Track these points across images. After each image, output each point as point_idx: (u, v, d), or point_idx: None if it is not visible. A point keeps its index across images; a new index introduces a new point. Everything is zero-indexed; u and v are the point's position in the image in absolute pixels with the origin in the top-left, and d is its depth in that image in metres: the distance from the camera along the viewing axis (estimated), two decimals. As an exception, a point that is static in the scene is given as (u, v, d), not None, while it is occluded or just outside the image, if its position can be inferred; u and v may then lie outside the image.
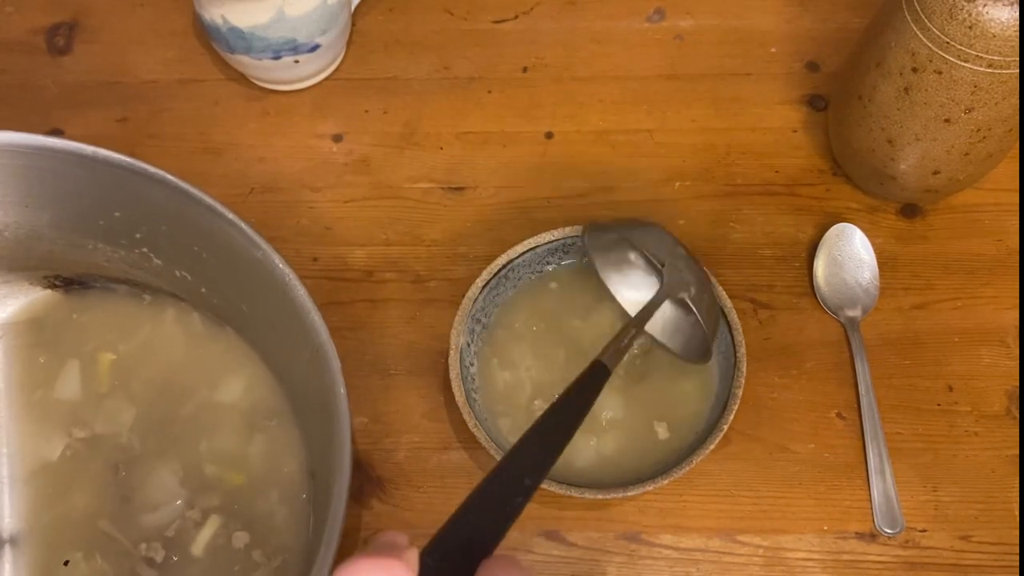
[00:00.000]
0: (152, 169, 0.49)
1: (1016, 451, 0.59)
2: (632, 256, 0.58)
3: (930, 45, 0.53)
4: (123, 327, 0.60)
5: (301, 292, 0.48)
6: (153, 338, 0.60)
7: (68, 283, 0.60)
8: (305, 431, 0.56)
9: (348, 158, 0.69)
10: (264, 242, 0.48)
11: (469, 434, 0.55)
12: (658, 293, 0.55)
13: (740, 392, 0.56)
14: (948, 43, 0.53)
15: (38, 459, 0.57)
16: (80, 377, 0.58)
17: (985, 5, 0.51)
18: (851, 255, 0.63)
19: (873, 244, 0.64)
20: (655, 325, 0.56)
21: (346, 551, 0.57)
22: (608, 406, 0.58)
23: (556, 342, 0.60)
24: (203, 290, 0.57)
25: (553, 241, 0.60)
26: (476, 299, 0.59)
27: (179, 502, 0.55)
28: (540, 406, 0.58)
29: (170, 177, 0.49)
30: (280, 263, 0.48)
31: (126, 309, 0.60)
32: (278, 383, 0.58)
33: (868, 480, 0.58)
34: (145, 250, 0.55)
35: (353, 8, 0.71)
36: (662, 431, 0.58)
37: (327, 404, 0.46)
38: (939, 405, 0.60)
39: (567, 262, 0.62)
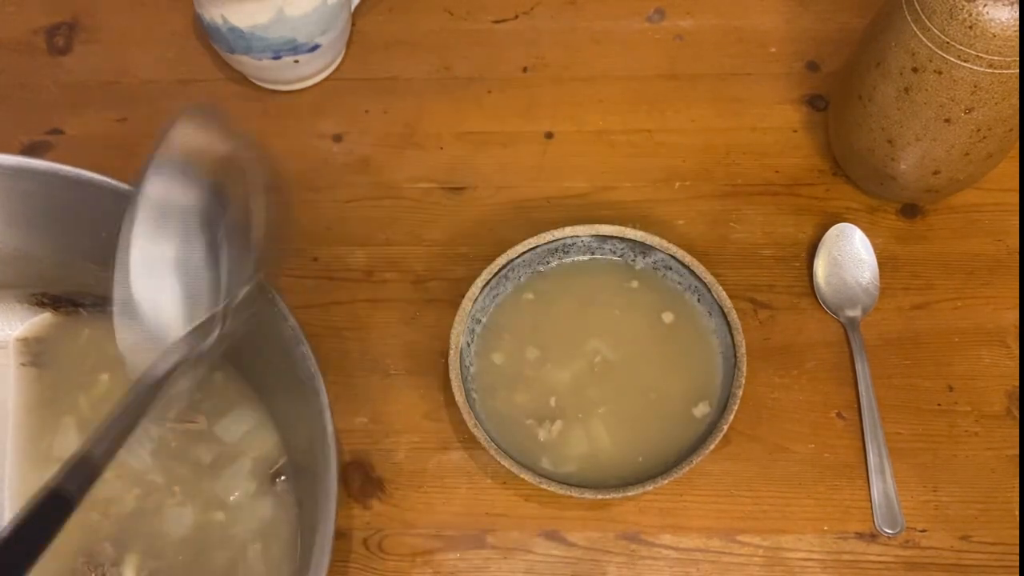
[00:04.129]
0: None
1: (1016, 451, 0.59)
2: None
3: (930, 45, 0.53)
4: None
5: (292, 323, 0.48)
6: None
7: (56, 301, 0.60)
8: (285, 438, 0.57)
9: (348, 158, 0.69)
10: None
11: (469, 434, 0.55)
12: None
13: (740, 392, 0.56)
14: (948, 43, 0.53)
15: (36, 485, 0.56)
16: (77, 432, 0.57)
17: (985, 5, 0.51)
18: (851, 255, 0.63)
19: (873, 244, 0.64)
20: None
21: (344, 553, 0.57)
22: (604, 400, 0.58)
23: (556, 341, 0.60)
24: None
25: (553, 241, 0.60)
26: (476, 299, 0.59)
27: None
28: (540, 406, 0.58)
29: None
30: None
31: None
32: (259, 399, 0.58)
33: (868, 480, 0.58)
34: None
35: (353, 8, 0.71)
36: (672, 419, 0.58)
37: (308, 399, 0.47)
38: (939, 405, 0.60)
39: (568, 261, 0.62)
